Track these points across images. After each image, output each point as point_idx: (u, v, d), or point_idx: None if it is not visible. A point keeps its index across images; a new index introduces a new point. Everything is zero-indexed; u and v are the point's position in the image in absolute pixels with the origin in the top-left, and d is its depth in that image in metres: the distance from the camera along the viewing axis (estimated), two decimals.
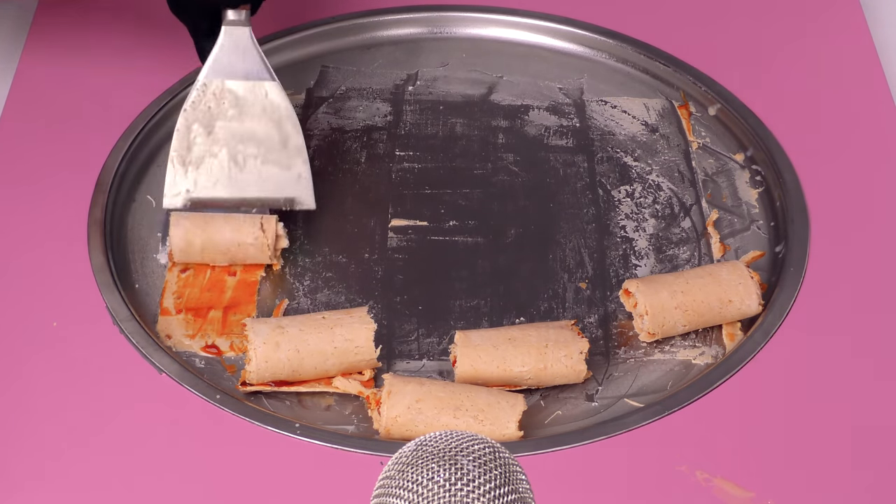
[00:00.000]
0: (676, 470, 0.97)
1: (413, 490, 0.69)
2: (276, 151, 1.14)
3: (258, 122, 1.14)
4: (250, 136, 1.14)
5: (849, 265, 1.12)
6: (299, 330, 1.03)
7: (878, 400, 1.03)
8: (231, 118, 1.13)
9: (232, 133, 1.14)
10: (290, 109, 1.14)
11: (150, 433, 0.99)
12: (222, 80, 1.13)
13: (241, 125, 1.13)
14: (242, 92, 1.13)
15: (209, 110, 1.13)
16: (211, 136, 1.13)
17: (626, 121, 1.29)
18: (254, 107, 1.13)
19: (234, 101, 1.13)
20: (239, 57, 1.13)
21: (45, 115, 1.24)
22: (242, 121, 1.13)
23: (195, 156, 1.13)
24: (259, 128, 1.13)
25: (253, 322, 1.04)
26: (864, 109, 1.27)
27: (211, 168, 1.14)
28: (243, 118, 1.13)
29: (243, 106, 1.13)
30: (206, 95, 1.13)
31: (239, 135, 1.14)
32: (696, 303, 1.07)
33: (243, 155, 1.14)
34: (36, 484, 0.96)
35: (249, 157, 1.14)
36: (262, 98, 1.13)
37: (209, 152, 1.13)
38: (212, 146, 1.13)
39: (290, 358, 1.02)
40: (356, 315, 1.04)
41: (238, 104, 1.13)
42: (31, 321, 1.06)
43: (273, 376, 1.02)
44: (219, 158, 1.14)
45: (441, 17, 1.36)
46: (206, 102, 1.13)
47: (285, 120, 1.14)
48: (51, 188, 1.17)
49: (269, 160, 1.14)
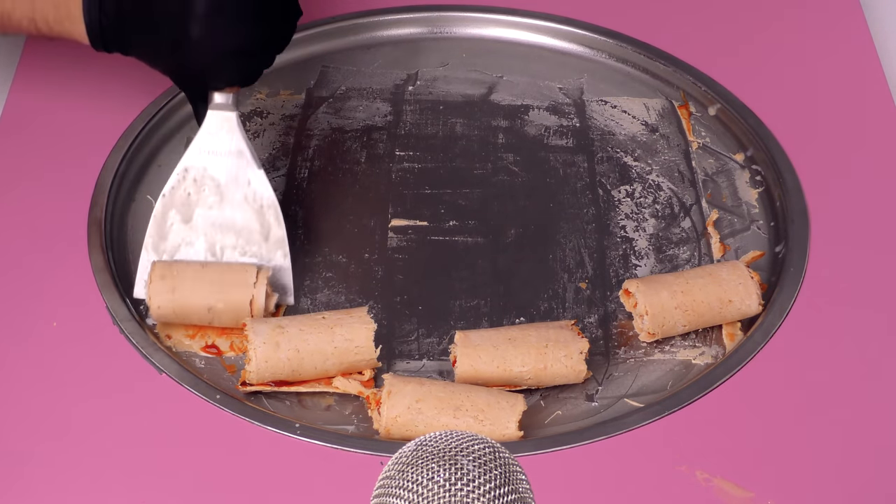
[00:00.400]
0: (676, 470, 0.97)
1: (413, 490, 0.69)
2: (255, 243, 1.09)
3: (239, 212, 1.09)
4: (230, 225, 1.09)
5: (849, 265, 1.12)
6: (299, 330, 1.03)
7: (877, 400, 1.03)
8: (211, 206, 1.09)
9: (211, 222, 1.09)
10: (272, 199, 1.09)
11: (150, 433, 0.99)
12: (204, 166, 1.09)
13: (221, 214, 1.09)
14: (224, 179, 1.09)
15: (188, 197, 1.09)
16: (188, 224, 1.08)
17: (626, 121, 1.29)
18: (235, 195, 1.09)
19: (215, 189, 1.09)
20: (223, 142, 1.08)
21: (46, 114, 1.24)
22: (223, 209, 1.09)
23: (170, 244, 1.09)
24: (239, 217, 1.09)
25: (253, 322, 1.04)
26: (863, 109, 1.27)
27: (186, 258, 1.09)
28: (224, 206, 1.09)
29: (224, 193, 1.09)
30: (186, 181, 1.08)
31: (218, 224, 1.09)
32: (696, 303, 1.07)
33: (221, 245, 1.09)
34: (36, 483, 0.96)
35: (227, 248, 1.09)
36: (244, 186, 1.09)
37: (185, 241, 1.09)
38: (189, 234, 1.09)
39: (291, 358, 1.02)
40: (356, 315, 1.04)
41: (219, 192, 1.09)
42: (31, 321, 1.06)
43: (273, 376, 1.02)
44: (195, 248, 1.09)
45: (441, 17, 1.36)
46: (186, 188, 1.08)
47: (267, 210, 1.09)
48: (51, 188, 1.17)
49: (249, 252, 1.09)
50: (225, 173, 1.09)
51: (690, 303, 1.07)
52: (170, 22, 1.03)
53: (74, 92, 1.26)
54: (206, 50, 1.04)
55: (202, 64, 1.05)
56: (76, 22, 1.06)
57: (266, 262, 1.09)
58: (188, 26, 1.02)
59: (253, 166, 1.09)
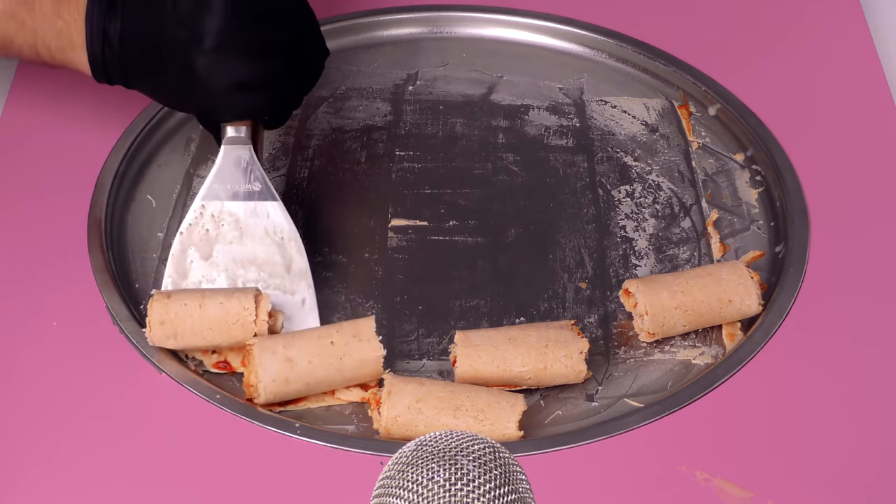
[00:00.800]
0: (676, 470, 0.97)
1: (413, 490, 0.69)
2: (278, 276, 1.07)
3: (260, 246, 1.07)
4: (251, 259, 1.07)
5: (849, 265, 1.12)
6: (308, 363, 1.01)
7: (877, 400, 1.03)
8: (231, 241, 1.07)
9: (232, 257, 1.07)
10: (293, 231, 1.08)
11: (150, 433, 0.99)
12: (221, 202, 1.07)
13: (242, 248, 1.07)
14: (243, 214, 1.07)
15: (207, 233, 1.07)
16: (209, 261, 1.07)
17: (626, 121, 1.29)
18: (255, 229, 1.07)
19: (233, 224, 1.07)
20: (239, 176, 1.08)
21: (45, 114, 1.24)
22: (243, 244, 1.07)
23: (191, 282, 1.07)
24: (261, 251, 1.07)
25: (260, 351, 1.01)
26: (864, 109, 1.27)
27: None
28: (244, 241, 1.07)
29: (244, 228, 1.07)
30: (204, 217, 1.07)
31: (240, 259, 1.07)
32: (696, 303, 1.07)
33: (244, 280, 1.07)
34: (35, 483, 0.96)
35: (250, 282, 1.07)
36: (263, 219, 1.07)
37: (206, 278, 1.07)
38: (209, 271, 1.07)
39: (300, 390, 1.01)
40: (365, 337, 1.02)
41: (238, 226, 1.07)
42: (31, 321, 1.06)
43: (280, 403, 1.02)
44: (217, 284, 1.07)
45: (441, 17, 1.36)
46: (204, 225, 1.07)
47: (289, 242, 1.08)
48: (51, 188, 1.17)
49: (272, 285, 1.07)
50: (243, 208, 1.08)
51: (690, 303, 1.07)
52: (176, 54, 1.02)
53: (75, 92, 1.26)
54: (212, 83, 1.03)
55: (209, 97, 1.04)
56: (78, 51, 1.05)
57: (290, 294, 1.07)
58: (194, 59, 1.02)
59: (270, 198, 1.08)
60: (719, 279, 1.08)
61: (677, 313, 1.07)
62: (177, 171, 1.21)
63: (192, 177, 1.21)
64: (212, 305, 1.02)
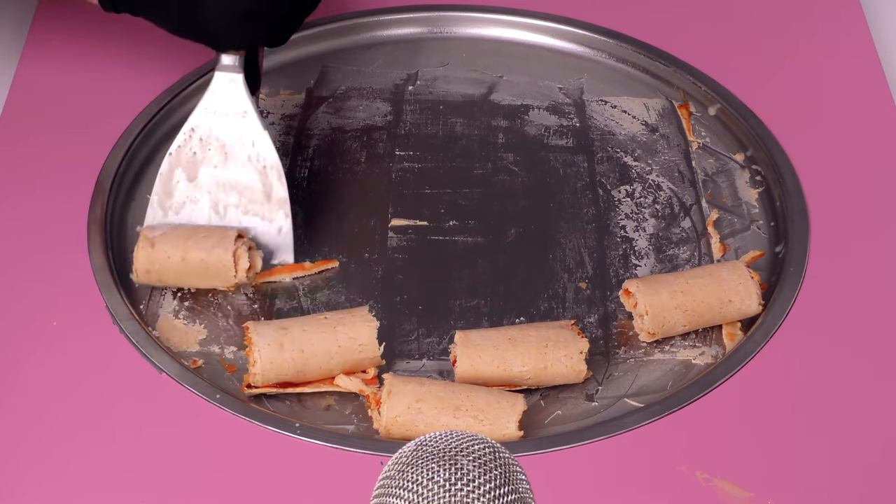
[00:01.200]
0: (676, 470, 0.97)
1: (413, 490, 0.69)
2: (258, 203, 1.11)
3: (242, 172, 1.10)
4: (233, 185, 1.11)
5: (849, 265, 1.12)
6: (302, 330, 1.03)
7: (877, 400, 1.03)
8: (216, 165, 1.11)
9: (215, 181, 1.11)
10: (276, 161, 1.11)
11: (149, 433, 0.99)
12: (210, 126, 1.10)
13: (226, 173, 1.10)
14: (229, 140, 1.10)
15: (194, 156, 1.11)
16: (193, 182, 1.10)
17: (626, 121, 1.29)
18: (240, 156, 1.11)
19: (220, 149, 1.10)
20: (229, 103, 1.10)
21: (45, 115, 1.24)
22: (227, 169, 1.11)
23: (176, 201, 1.11)
24: (243, 177, 1.10)
25: (255, 325, 1.04)
26: (864, 110, 1.27)
27: (191, 215, 1.11)
28: (228, 166, 1.11)
29: (229, 154, 1.11)
30: (193, 140, 1.10)
31: (222, 183, 1.11)
32: (696, 303, 1.07)
33: (224, 204, 1.11)
34: (36, 483, 0.96)
35: (231, 207, 1.11)
36: (248, 147, 1.10)
37: (190, 198, 1.11)
38: (193, 192, 1.11)
39: (295, 358, 1.02)
40: (358, 314, 1.04)
41: (224, 151, 1.10)
42: (31, 321, 1.06)
43: (278, 378, 1.02)
44: (199, 205, 1.11)
45: (441, 17, 1.36)
46: (192, 147, 1.10)
47: (271, 171, 1.10)
48: (51, 188, 1.17)
49: (251, 211, 1.11)
50: (230, 134, 1.11)
51: (690, 303, 1.07)
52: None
53: (74, 92, 1.26)
54: (218, 12, 1.04)
55: (213, 25, 1.05)
56: None
57: (268, 221, 1.11)
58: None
59: (258, 127, 1.10)
60: (719, 279, 1.08)
61: (677, 313, 1.07)
62: None
63: None
64: (193, 260, 1.07)
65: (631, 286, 1.09)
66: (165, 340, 1.07)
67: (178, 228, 1.10)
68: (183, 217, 1.11)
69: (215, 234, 1.09)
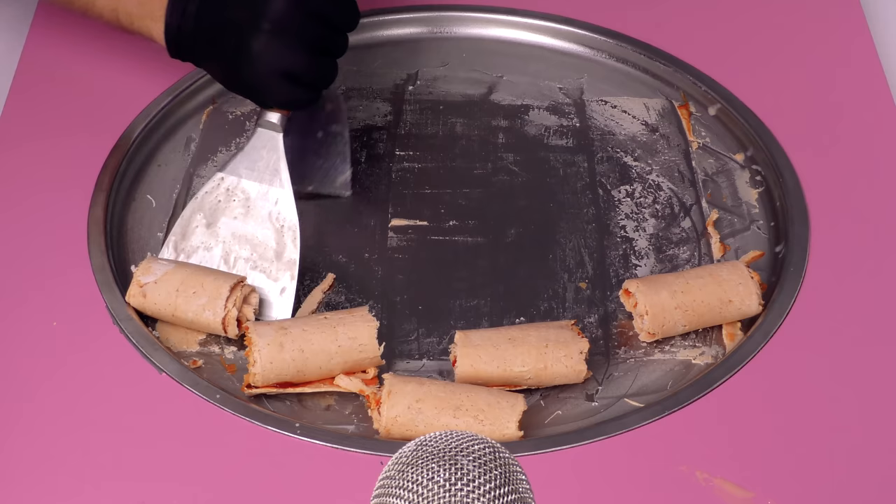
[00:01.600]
0: (676, 470, 0.97)
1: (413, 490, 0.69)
2: (268, 261, 1.10)
3: (260, 228, 1.11)
4: (249, 238, 1.11)
5: (849, 265, 1.12)
6: (302, 330, 1.03)
7: (878, 399, 1.03)
8: (236, 217, 1.11)
9: (232, 232, 1.11)
10: (295, 224, 1.11)
11: (150, 433, 0.99)
12: (239, 178, 1.12)
13: (244, 226, 1.11)
14: (254, 194, 1.12)
15: (217, 203, 1.12)
16: (211, 229, 1.11)
17: (626, 121, 1.29)
18: (261, 211, 1.11)
19: (243, 202, 1.12)
20: (263, 159, 1.12)
21: (46, 114, 1.24)
22: (246, 222, 1.11)
23: (190, 245, 1.11)
24: (260, 233, 1.11)
25: (255, 324, 1.04)
26: (864, 109, 1.27)
27: (201, 260, 1.11)
28: (248, 220, 1.11)
29: (251, 208, 1.11)
30: (219, 189, 1.12)
31: (239, 235, 1.11)
32: (696, 303, 1.07)
33: (236, 255, 1.11)
34: (36, 483, 0.96)
35: (241, 259, 1.11)
36: (271, 205, 1.11)
37: (205, 245, 1.11)
38: (209, 239, 1.11)
39: (295, 358, 1.02)
40: (358, 314, 1.04)
41: (247, 205, 1.12)
42: (31, 321, 1.06)
43: (278, 378, 1.02)
44: (212, 253, 1.11)
45: (441, 17, 1.36)
46: (217, 196, 1.12)
47: (287, 231, 1.10)
48: (51, 188, 1.17)
49: (259, 267, 1.10)
50: (257, 189, 1.12)
51: (690, 303, 1.07)
52: (235, 33, 1.05)
53: (74, 92, 1.26)
54: (260, 66, 1.06)
55: (256, 80, 1.07)
56: (157, 21, 1.09)
57: (273, 280, 1.10)
58: (250, 40, 1.05)
59: (285, 188, 1.11)
60: (719, 279, 1.08)
61: (677, 313, 1.07)
62: (177, 171, 1.22)
63: (191, 177, 1.21)
64: (182, 318, 1.06)
65: (631, 286, 1.09)
66: (165, 340, 1.07)
67: (173, 274, 1.07)
68: (193, 261, 1.11)
69: (208, 288, 1.06)
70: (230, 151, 1.23)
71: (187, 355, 1.07)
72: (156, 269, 1.07)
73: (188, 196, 1.18)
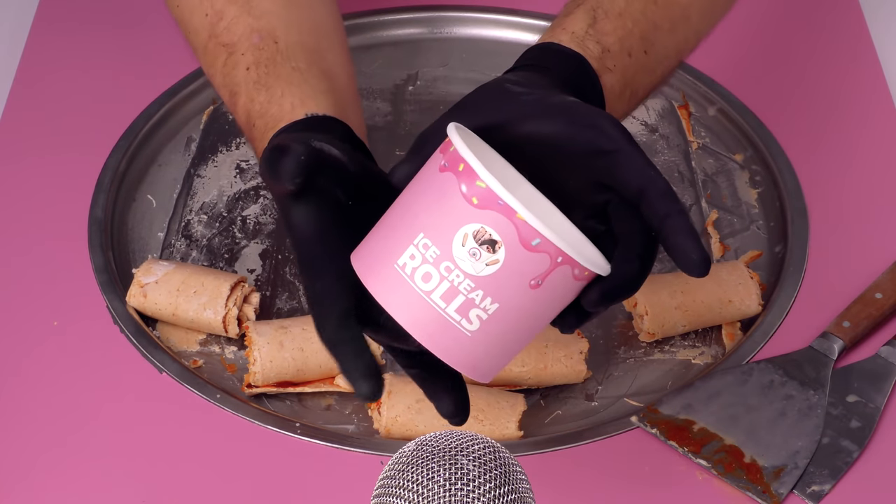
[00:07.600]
0: (676, 470, 0.97)
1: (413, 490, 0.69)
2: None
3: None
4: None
5: (848, 265, 1.12)
6: (302, 329, 1.03)
7: None
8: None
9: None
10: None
11: (150, 433, 0.99)
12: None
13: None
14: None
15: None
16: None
17: (625, 121, 1.28)
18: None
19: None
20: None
21: (46, 114, 1.24)
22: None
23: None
24: None
25: (255, 324, 1.04)
26: (863, 110, 1.27)
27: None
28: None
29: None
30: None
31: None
32: (695, 303, 1.07)
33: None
34: (36, 483, 0.96)
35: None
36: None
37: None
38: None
39: (295, 357, 1.02)
40: None
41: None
42: (32, 321, 1.07)
43: (278, 377, 1.02)
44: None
45: (441, 17, 1.36)
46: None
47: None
48: (51, 188, 1.17)
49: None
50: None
51: (690, 303, 1.07)
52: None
53: (75, 92, 1.26)
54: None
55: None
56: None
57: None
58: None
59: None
60: (719, 279, 1.08)
61: (677, 313, 1.07)
62: (177, 171, 1.22)
63: (192, 177, 1.21)
64: (183, 317, 1.06)
65: None
66: (165, 340, 1.07)
67: (173, 274, 1.07)
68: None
69: (209, 288, 1.06)
70: (231, 151, 1.23)
71: (187, 355, 1.07)
72: (156, 270, 1.07)
73: (188, 196, 1.18)
